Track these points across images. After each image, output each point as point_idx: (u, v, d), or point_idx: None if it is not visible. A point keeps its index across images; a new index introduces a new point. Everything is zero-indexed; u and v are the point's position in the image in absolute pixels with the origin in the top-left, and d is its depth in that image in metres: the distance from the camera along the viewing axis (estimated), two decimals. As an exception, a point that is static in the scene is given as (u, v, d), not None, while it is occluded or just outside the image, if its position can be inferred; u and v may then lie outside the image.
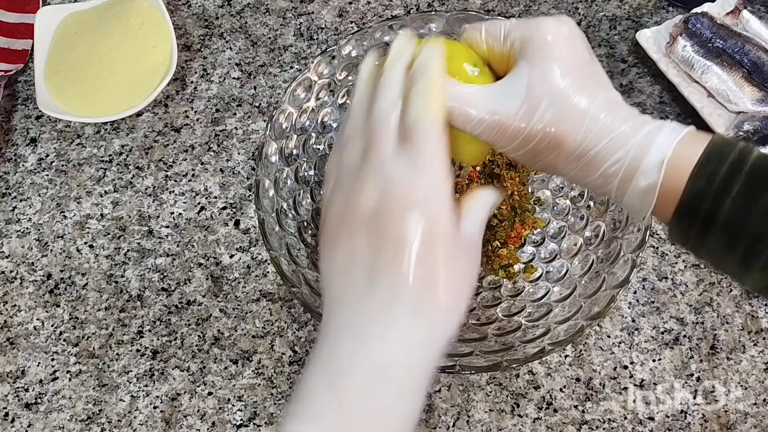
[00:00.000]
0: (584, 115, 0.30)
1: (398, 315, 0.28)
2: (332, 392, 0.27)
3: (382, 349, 0.28)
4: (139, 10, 0.61)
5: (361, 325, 0.28)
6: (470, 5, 0.66)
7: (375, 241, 0.29)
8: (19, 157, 0.59)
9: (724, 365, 0.49)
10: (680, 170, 0.29)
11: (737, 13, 0.59)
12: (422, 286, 0.28)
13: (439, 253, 0.29)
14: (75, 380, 0.50)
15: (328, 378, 0.28)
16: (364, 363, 0.27)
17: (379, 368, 0.27)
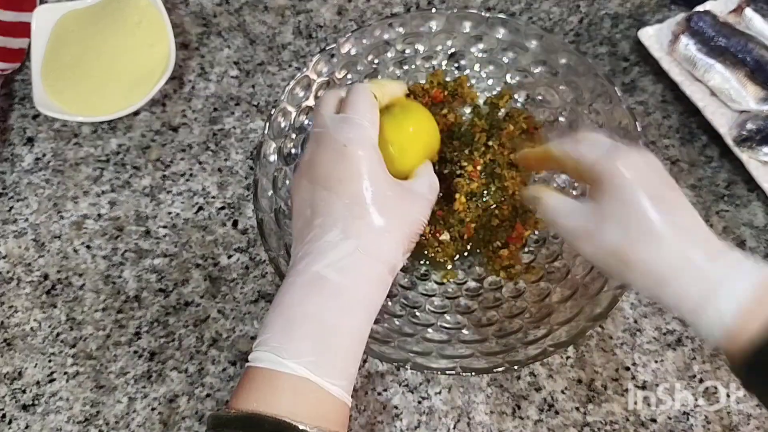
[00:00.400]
0: (658, 241, 0.31)
1: (331, 238, 0.33)
2: (279, 306, 0.32)
3: (317, 265, 0.32)
4: (136, 9, 0.60)
5: (306, 255, 0.33)
6: (471, 3, 0.65)
7: (311, 183, 0.36)
8: (15, 156, 0.59)
9: (727, 366, 0.49)
10: (757, 316, 0.29)
11: (740, 11, 0.59)
12: (351, 211, 0.34)
13: (366, 185, 0.34)
14: (72, 381, 0.50)
15: (278, 299, 0.33)
16: (303, 279, 0.32)
17: (314, 279, 0.32)
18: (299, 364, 0.30)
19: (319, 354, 0.31)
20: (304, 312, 0.31)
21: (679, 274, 0.31)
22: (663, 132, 0.58)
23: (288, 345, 0.31)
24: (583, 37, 0.63)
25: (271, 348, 0.31)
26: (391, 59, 0.55)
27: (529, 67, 0.54)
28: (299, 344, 0.31)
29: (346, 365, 0.32)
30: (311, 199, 0.36)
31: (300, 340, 0.31)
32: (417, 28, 0.53)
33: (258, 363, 0.31)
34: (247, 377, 0.31)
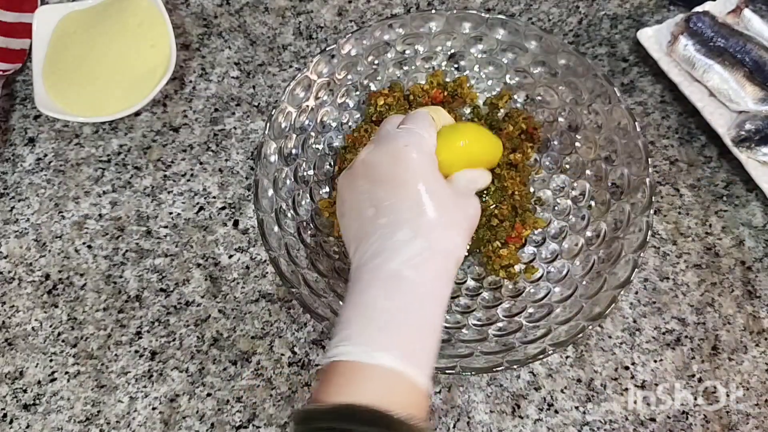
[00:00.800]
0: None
1: (402, 237, 0.34)
2: (358, 304, 0.33)
3: (393, 264, 0.33)
4: (137, 9, 0.60)
5: (376, 254, 0.34)
6: (470, 4, 0.66)
7: (371, 183, 0.38)
8: (17, 157, 0.59)
9: (726, 366, 0.49)
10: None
11: (739, 12, 0.59)
12: (417, 210, 0.36)
13: (427, 185, 0.36)
14: (73, 381, 0.50)
15: (356, 297, 0.34)
16: (380, 276, 0.33)
17: (392, 276, 0.33)
18: (388, 355, 0.31)
19: (404, 346, 0.32)
20: (386, 307, 0.32)
21: None
22: (662, 132, 0.58)
23: (374, 338, 0.32)
24: (582, 37, 0.63)
25: (356, 342, 0.32)
26: (391, 60, 0.55)
27: (529, 67, 0.54)
28: (385, 337, 0.32)
29: (428, 357, 0.33)
30: (372, 199, 0.37)
31: (385, 334, 0.32)
32: (417, 29, 0.54)
33: (344, 357, 0.31)
34: (333, 372, 0.31)
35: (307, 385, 0.49)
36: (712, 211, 0.55)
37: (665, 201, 0.55)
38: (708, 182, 0.56)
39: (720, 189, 0.56)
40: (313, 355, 0.50)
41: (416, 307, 0.33)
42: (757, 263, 0.53)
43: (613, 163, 0.49)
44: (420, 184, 0.37)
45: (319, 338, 0.51)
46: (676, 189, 0.56)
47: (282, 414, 0.48)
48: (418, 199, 0.36)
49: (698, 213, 0.55)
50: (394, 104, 0.53)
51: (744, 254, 0.53)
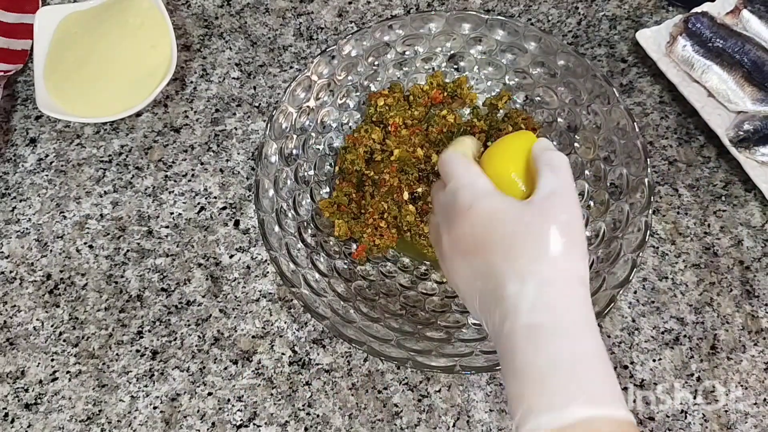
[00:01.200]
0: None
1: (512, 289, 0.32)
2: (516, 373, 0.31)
3: (520, 320, 0.31)
4: (138, 10, 0.61)
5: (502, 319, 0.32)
6: (470, 5, 0.66)
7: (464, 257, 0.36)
8: (18, 157, 0.59)
9: (725, 365, 0.49)
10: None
11: (737, 12, 0.59)
12: (507, 254, 0.33)
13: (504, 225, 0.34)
14: (75, 380, 0.50)
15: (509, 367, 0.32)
16: (516, 336, 0.31)
17: (527, 331, 0.31)
18: (578, 406, 0.29)
19: (585, 387, 0.30)
20: (545, 362, 0.30)
21: None
22: (661, 132, 0.59)
23: (555, 398, 0.29)
24: (581, 38, 0.64)
25: (539, 412, 0.29)
26: (391, 61, 0.55)
27: (528, 68, 0.54)
28: (563, 390, 0.30)
29: (611, 385, 0.31)
30: (475, 273, 0.35)
31: (562, 387, 0.30)
32: (417, 30, 0.54)
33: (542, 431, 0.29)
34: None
35: (308, 384, 0.49)
36: (711, 211, 0.55)
37: (664, 201, 0.56)
38: (707, 182, 0.56)
39: (718, 189, 0.56)
40: (314, 355, 0.50)
41: (567, 346, 0.30)
42: (755, 263, 0.53)
43: (612, 164, 0.49)
44: (497, 228, 0.33)
45: (320, 337, 0.51)
46: (675, 189, 0.56)
47: (282, 413, 0.48)
48: (503, 244, 0.33)
49: (697, 213, 0.55)
50: (394, 105, 0.54)
51: (742, 254, 0.53)
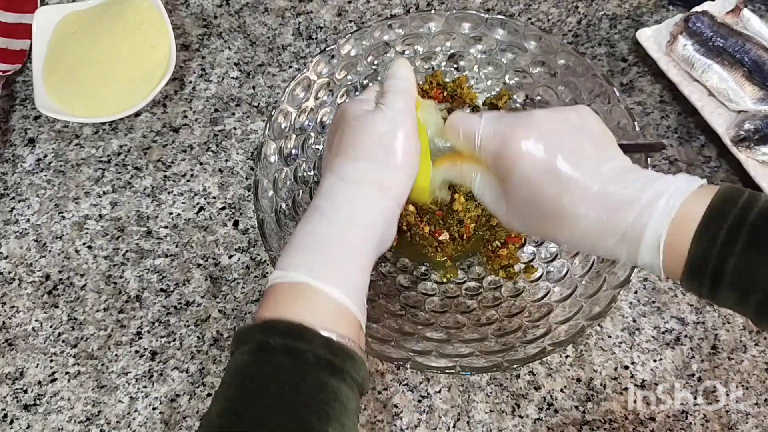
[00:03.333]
0: (581, 190, 0.33)
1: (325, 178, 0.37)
2: (289, 237, 0.36)
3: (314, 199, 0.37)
4: (137, 10, 0.60)
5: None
6: (469, 4, 0.66)
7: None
8: (17, 157, 0.59)
9: (725, 365, 0.49)
10: (685, 231, 0.30)
11: (738, 11, 0.59)
12: (329, 149, 0.39)
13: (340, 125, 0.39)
14: (74, 381, 0.50)
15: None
16: (306, 211, 0.37)
17: (310, 209, 0.37)
18: (299, 272, 0.33)
19: (315, 262, 0.34)
20: (301, 233, 0.36)
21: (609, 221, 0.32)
22: (661, 132, 0.59)
23: (290, 260, 0.35)
24: (581, 37, 0.64)
25: (278, 267, 0.35)
26: (391, 60, 0.55)
27: (528, 67, 0.54)
28: (298, 257, 0.35)
29: (344, 272, 0.34)
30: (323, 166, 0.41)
31: (299, 254, 0.35)
32: (416, 29, 0.54)
33: (270, 282, 0.35)
34: (264, 296, 0.35)
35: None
36: (712, 211, 0.55)
37: (664, 201, 0.55)
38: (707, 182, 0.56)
39: (719, 188, 0.56)
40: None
41: (325, 228, 0.35)
42: (756, 263, 0.53)
43: (612, 163, 0.49)
44: (333, 125, 0.39)
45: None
46: (676, 189, 0.56)
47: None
48: (330, 141, 0.39)
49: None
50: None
51: (743, 254, 0.53)
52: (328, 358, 0.31)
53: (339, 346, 0.32)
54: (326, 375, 0.31)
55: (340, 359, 0.31)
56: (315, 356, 0.31)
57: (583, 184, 0.33)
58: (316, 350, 0.31)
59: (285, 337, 0.31)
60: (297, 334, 0.31)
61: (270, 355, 0.31)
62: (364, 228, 0.36)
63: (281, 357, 0.31)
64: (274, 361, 0.31)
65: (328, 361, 0.31)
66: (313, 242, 0.35)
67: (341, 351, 0.32)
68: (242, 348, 0.32)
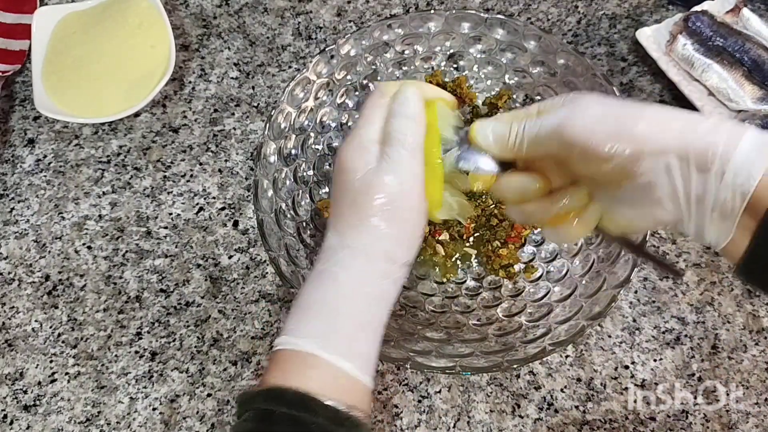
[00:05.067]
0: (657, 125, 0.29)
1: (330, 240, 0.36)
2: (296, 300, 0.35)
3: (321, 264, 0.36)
4: (137, 10, 0.60)
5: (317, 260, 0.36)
6: (469, 4, 0.66)
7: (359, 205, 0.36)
8: (16, 158, 0.59)
9: (726, 365, 0.49)
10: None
11: (737, 11, 0.59)
12: (335, 209, 0.36)
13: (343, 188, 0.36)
14: (74, 382, 0.50)
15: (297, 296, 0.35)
16: (312, 275, 0.36)
17: (319, 274, 0.35)
18: (310, 342, 0.33)
19: (327, 333, 0.33)
20: (313, 299, 0.35)
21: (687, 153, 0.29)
22: (661, 132, 0.58)
23: (301, 327, 0.34)
24: (581, 37, 0.63)
25: (288, 332, 0.34)
26: (391, 60, 0.55)
27: (528, 67, 0.54)
28: (310, 325, 0.34)
29: (355, 344, 0.34)
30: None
31: (311, 322, 0.34)
32: (416, 29, 0.54)
33: (278, 346, 0.34)
34: (272, 360, 0.34)
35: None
36: (712, 211, 0.55)
37: (664, 200, 0.55)
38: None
39: (719, 188, 0.56)
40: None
41: (336, 297, 0.34)
42: (756, 262, 0.53)
43: (612, 163, 0.49)
44: (344, 181, 0.36)
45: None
46: (676, 188, 0.56)
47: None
48: (335, 201, 0.37)
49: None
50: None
51: (743, 253, 0.53)
52: (335, 430, 0.31)
53: (346, 416, 0.31)
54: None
55: (347, 430, 0.31)
56: (321, 428, 0.30)
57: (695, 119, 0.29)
58: (322, 422, 0.30)
59: (290, 406, 0.31)
60: (303, 404, 0.31)
61: (275, 426, 0.30)
62: (376, 301, 0.35)
63: (287, 428, 0.30)
64: (279, 431, 0.30)
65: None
66: (323, 311, 0.34)
67: (348, 422, 0.31)
68: (246, 415, 0.32)
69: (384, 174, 0.35)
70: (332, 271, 0.35)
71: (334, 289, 0.34)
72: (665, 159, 0.29)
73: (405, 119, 0.36)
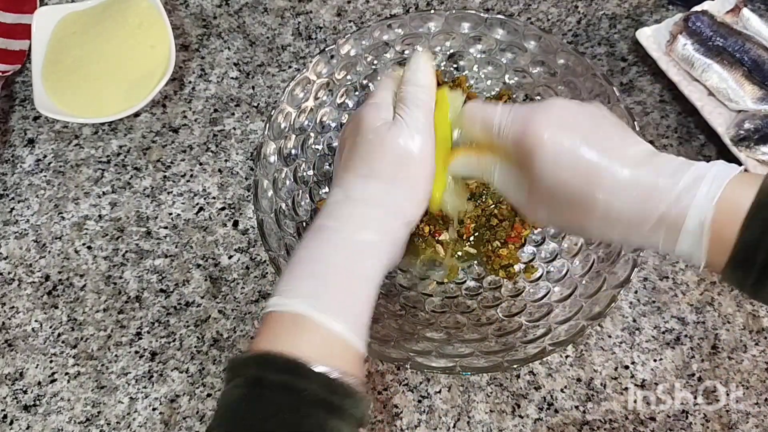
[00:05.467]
0: (610, 177, 0.31)
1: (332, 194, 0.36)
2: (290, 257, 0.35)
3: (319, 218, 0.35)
4: (137, 10, 0.60)
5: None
6: (469, 4, 0.66)
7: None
8: (16, 158, 0.59)
9: (726, 365, 0.49)
10: (731, 217, 0.29)
11: (737, 11, 0.59)
12: (339, 161, 0.36)
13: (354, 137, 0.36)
14: (73, 382, 0.50)
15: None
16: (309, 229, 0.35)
17: (315, 228, 0.35)
18: (301, 301, 0.31)
19: (318, 291, 0.32)
20: (305, 256, 0.33)
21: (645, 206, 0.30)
22: (661, 131, 0.59)
23: (291, 286, 0.32)
24: (581, 37, 0.63)
25: (279, 292, 0.33)
26: (391, 60, 0.55)
27: (528, 67, 0.54)
28: (301, 284, 0.32)
29: (348, 303, 0.32)
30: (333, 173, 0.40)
31: (302, 280, 0.33)
32: (416, 29, 0.54)
33: (269, 308, 0.33)
34: (263, 323, 0.33)
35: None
36: (712, 211, 0.55)
37: (664, 200, 0.55)
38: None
39: (719, 188, 0.56)
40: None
41: (331, 253, 0.33)
42: (756, 262, 0.53)
43: (612, 163, 0.49)
44: (346, 136, 0.37)
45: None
46: (676, 188, 0.56)
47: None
48: (342, 152, 0.37)
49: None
50: (394, 104, 0.53)
51: (743, 253, 0.53)
52: (328, 398, 0.30)
53: (339, 383, 0.30)
54: (324, 414, 0.29)
55: (340, 398, 0.30)
56: (313, 395, 0.29)
57: (611, 170, 0.31)
58: (314, 389, 0.29)
59: (282, 373, 0.30)
60: (294, 370, 0.30)
61: (266, 391, 0.30)
62: (371, 255, 0.34)
63: (278, 395, 0.29)
64: (270, 398, 0.29)
65: (327, 401, 0.30)
66: (316, 267, 0.33)
67: (341, 389, 0.30)
68: (236, 381, 0.31)
69: (398, 128, 0.35)
70: (329, 226, 0.34)
71: (326, 241, 0.33)
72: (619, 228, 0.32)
73: (418, 86, 0.37)
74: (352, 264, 0.33)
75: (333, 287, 0.32)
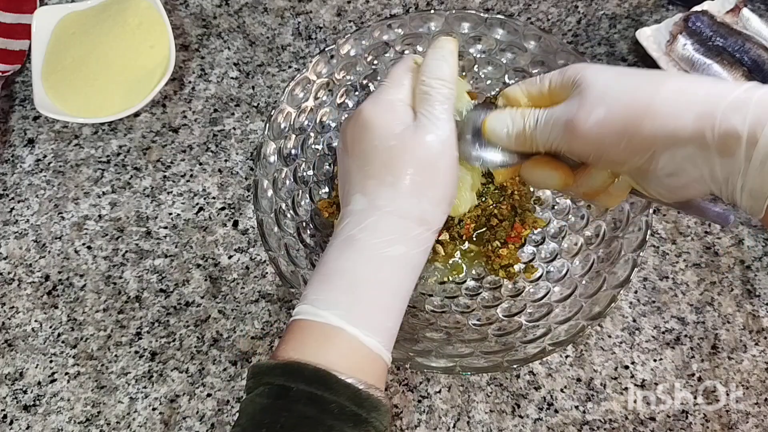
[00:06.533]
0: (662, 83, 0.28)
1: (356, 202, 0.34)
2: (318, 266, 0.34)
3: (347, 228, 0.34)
4: (136, 10, 0.60)
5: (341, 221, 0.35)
6: (469, 4, 0.66)
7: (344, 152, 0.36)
8: (16, 158, 0.59)
9: (726, 365, 0.49)
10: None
11: (737, 11, 0.59)
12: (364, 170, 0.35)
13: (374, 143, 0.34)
14: (73, 382, 0.50)
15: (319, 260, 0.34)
16: (338, 238, 0.34)
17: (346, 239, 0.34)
18: (333, 313, 0.31)
19: (351, 304, 0.32)
20: (337, 268, 0.33)
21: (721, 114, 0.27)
22: (661, 132, 0.58)
23: (323, 297, 0.32)
24: (581, 37, 0.63)
25: (309, 301, 0.32)
26: (391, 60, 0.55)
27: (528, 67, 0.54)
28: (333, 295, 0.32)
29: (379, 317, 0.32)
30: (343, 169, 0.37)
31: (334, 292, 0.32)
32: (416, 29, 0.54)
33: (297, 316, 0.32)
34: (289, 330, 0.32)
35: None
36: (712, 211, 0.55)
37: (664, 200, 0.55)
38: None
39: (719, 188, 0.56)
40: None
41: (365, 267, 0.32)
42: (756, 262, 0.53)
43: (612, 163, 0.49)
44: (366, 143, 0.34)
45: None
46: (676, 188, 0.56)
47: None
48: (365, 159, 0.34)
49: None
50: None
51: (743, 253, 0.53)
52: (356, 410, 0.29)
53: (366, 396, 0.30)
54: (350, 427, 0.29)
55: (366, 410, 0.30)
56: (340, 408, 0.29)
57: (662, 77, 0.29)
58: (342, 401, 0.29)
59: (309, 383, 0.29)
60: (322, 381, 0.29)
61: (291, 403, 0.29)
62: (401, 266, 0.33)
63: (304, 406, 0.29)
64: (295, 409, 0.29)
65: (355, 414, 0.29)
66: (347, 279, 0.32)
67: (368, 402, 0.30)
68: (260, 389, 0.30)
69: (424, 133, 0.33)
70: (358, 238, 0.33)
71: (358, 253, 0.33)
72: (683, 151, 0.28)
73: (441, 80, 0.34)
74: (384, 277, 0.33)
75: (365, 301, 0.32)
